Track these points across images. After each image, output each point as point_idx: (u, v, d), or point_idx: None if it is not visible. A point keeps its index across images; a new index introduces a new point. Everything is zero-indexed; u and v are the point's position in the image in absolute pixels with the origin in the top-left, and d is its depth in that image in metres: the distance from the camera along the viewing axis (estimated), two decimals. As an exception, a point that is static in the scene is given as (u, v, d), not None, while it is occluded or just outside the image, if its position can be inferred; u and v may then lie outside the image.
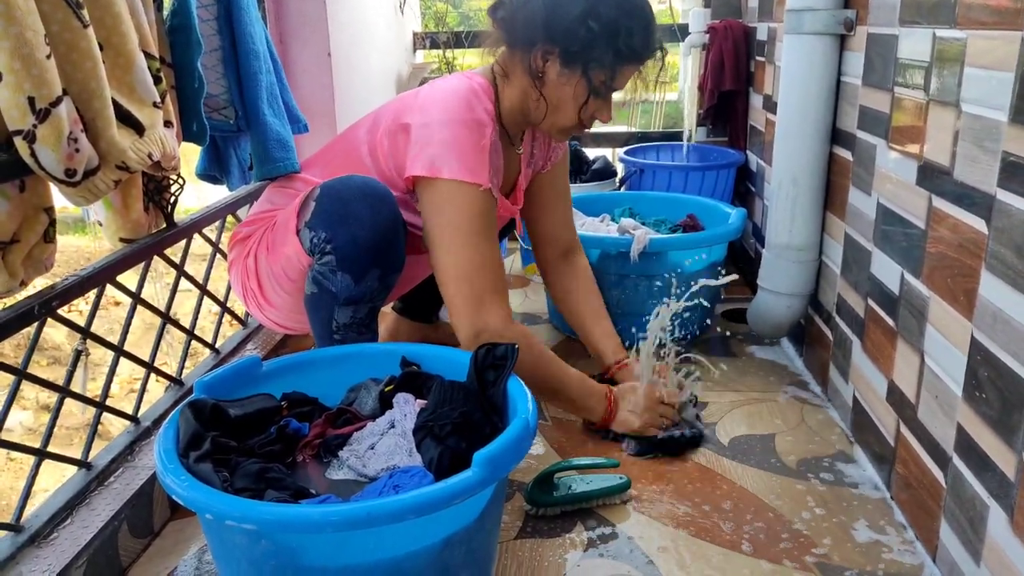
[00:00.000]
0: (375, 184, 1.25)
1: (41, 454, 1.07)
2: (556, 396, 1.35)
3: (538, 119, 1.35)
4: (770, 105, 2.05)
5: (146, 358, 1.32)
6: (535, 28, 1.26)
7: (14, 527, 1.02)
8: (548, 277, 1.66)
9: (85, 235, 6.01)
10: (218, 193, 1.63)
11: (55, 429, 1.10)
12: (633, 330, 1.53)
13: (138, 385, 1.38)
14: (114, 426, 3.06)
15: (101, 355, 4.15)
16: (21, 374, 1.03)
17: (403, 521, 0.80)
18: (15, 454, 3.61)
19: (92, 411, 1.21)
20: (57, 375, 1.38)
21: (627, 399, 1.39)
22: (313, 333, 1.32)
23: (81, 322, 1.15)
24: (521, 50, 1.30)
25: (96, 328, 1.19)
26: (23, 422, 4.01)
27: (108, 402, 1.22)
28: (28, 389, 0.91)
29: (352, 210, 1.20)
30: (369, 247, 1.21)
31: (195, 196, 1.97)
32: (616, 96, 1.35)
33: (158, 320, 1.38)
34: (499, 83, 1.36)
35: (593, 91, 1.28)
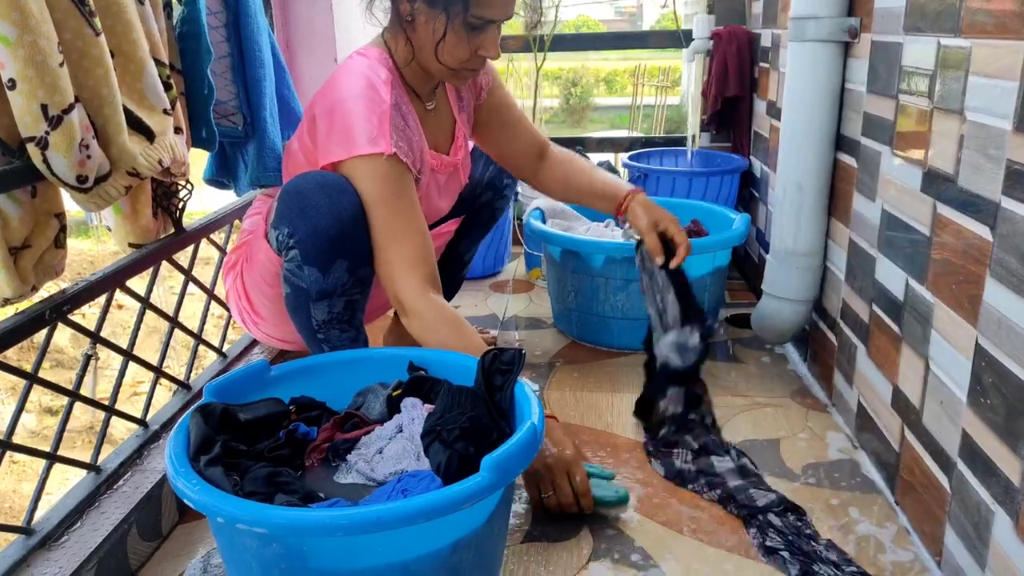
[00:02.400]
0: (332, 175, 1.25)
1: (51, 457, 1.07)
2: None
3: (426, 66, 1.33)
4: (774, 111, 2.05)
5: (150, 361, 1.33)
6: None
7: (25, 530, 1.03)
8: (535, 182, 1.65)
9: (88, 238, 6.02)
10: (220, 198, 1.64)
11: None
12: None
13: (141, 388, 1.39)
14: (118, 430, 3.07)
15: (106, 358, 4.16)
16: (32, 378, 1.04)
17: (412, 525, 0.81)
18: (18, 456, 3.62)
19: (96, 414, 1.22)
20: (60, 378, 1.39)
21: (554, 439, 1.19)
22: (301, 338, 1.33)
23: (87, 326, 1.16)
24: (392, 2, 1.29)
25: (102, 331, 1.19)
26: (26, 424, 4.02)
27: (114, 406, 1.23)
28: (31, 392, 0.93)
29: (310, 201, 1.21)
30: (331, 236, 1.21)
31: (199, 201, 1.98)
32: (617, 101, 1.34)
33: (162, 322, 1.39)
34: (391, 46, 1.35)
35: (465, 26, 1.24)
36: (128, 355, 1.26)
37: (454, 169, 1.51)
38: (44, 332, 1.06)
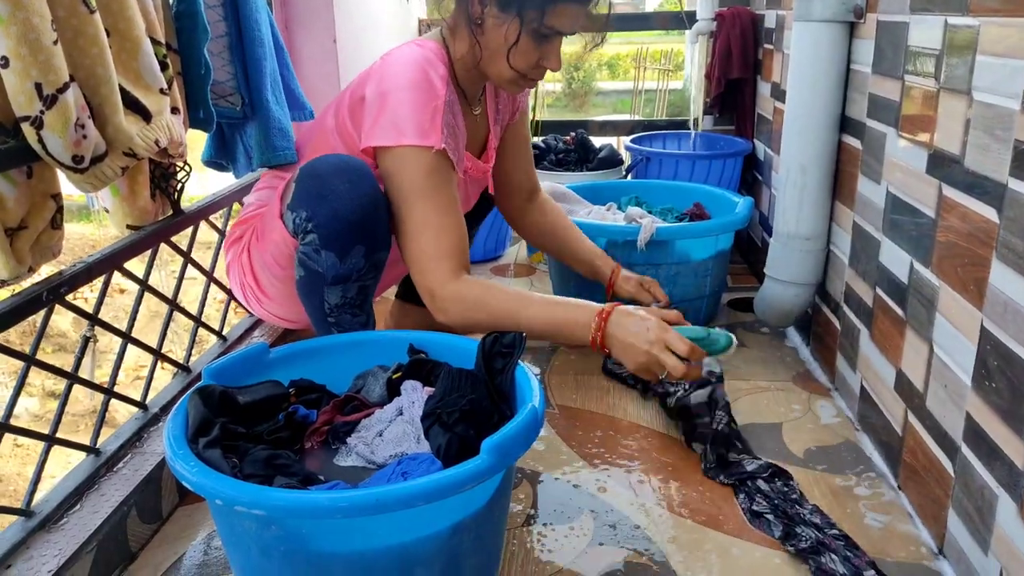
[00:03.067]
0: (352, 160, 1.24)
1: (51, 440, 1.07)
2: (529, 332, 1.17)
3: (486, 70, 1.33)
4: (778, 93, 2.04)
5: (151, 345, 1.32)
6: None
7: (24, 512, 1.03)
8: (520, 223, 1.70)
9: (90, 223, 6.02)
10: (220, 180, 1.63)
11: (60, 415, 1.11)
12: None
13: (142, 372, 1.39)
14: (119, 413, 3.08)
15: (106, 342, 4.16)
16: (30, 360, 1.03)
17: (412, 507, 0.80)
18: (21, 440, 3.63)
19: (97, 397, 1.21)
20: (63, 362, 1.39)
21: (628, 319, 1.16)
22: (310, 320, 1.32)
23: (87, 309, 1.16)
24: (460, 2, 1.29)
25: (101, 315, 1.19)
26: (29, 409, 4.04)
27: (113, 389, 1.23)
28: (34, 376, 0.92)
29: (330, 186, 1.19)
30: (351, 221, 1.20)
31: (199, 184, 1.97)
32: (619, 85, 1.33)
33: (162, 307, 1.39)
34: (449, 43, 1.35)
35: (534, 34, 1.25)
36: (128, 338, 1.25)
37: (484, 175, 1.52)
38: (42, 314, 1.06)
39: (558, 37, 1.28)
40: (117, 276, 1.22)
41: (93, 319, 1.16)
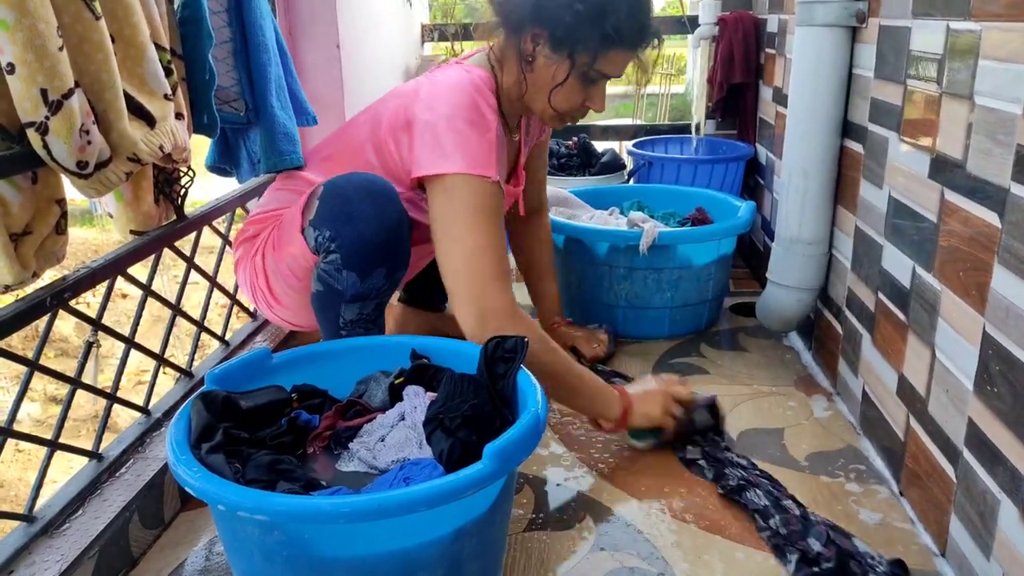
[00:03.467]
0: (379, 181, 1.24)
1: (53, 445, 1.07)
2: (571, 394, 1.26)
3: (531, 104, 1.35)
4: (780, 98, 2.04)
5: (153, 350, 1.33)
6: (525, 11, 1.26)
7: (27, 517, 1.03)
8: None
9: (93, 227, 6.03)
10: (223, 185, 1.63)
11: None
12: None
13: (145, 377, 1.39)
14: (121, 417, 3.08)
15: (107, 347, 4.17)
16: (33, 366, 1.03)
17: (414, 513, 0.81)
18: (23, 445, 3.63)
19: (98, 402, 1.22)
20: (65, 367, 1.38)
21: (638, 390, 1.32)
22: (321, 331, 1.33)
23: (89, 314, 1.16)
24: (514, 34, 1.30)
25: (104, 320, 1.19)
26: (31, 414, 4.04)
27: (116, 394, 1.23)
28: (36, 381, 0.92)
29: (357, 208, 1.20)
30: (375, 245, 1.20)
31: (201, 189, 1.97)
32: (621, 89, 1.35)
33: (165, 312, 1.39)
34: (497, 72, 1.36)
35: (582, 77, 1.28)
36: (130, 343, 1.26)
37: (516, 200, 1.54)
38: (45, 319, 1.06)
39: (605, 80, 1.31)
40: (119, 280, 1.22)
41: (97, 324, 1.16)
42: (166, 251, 1.35)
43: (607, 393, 1.28)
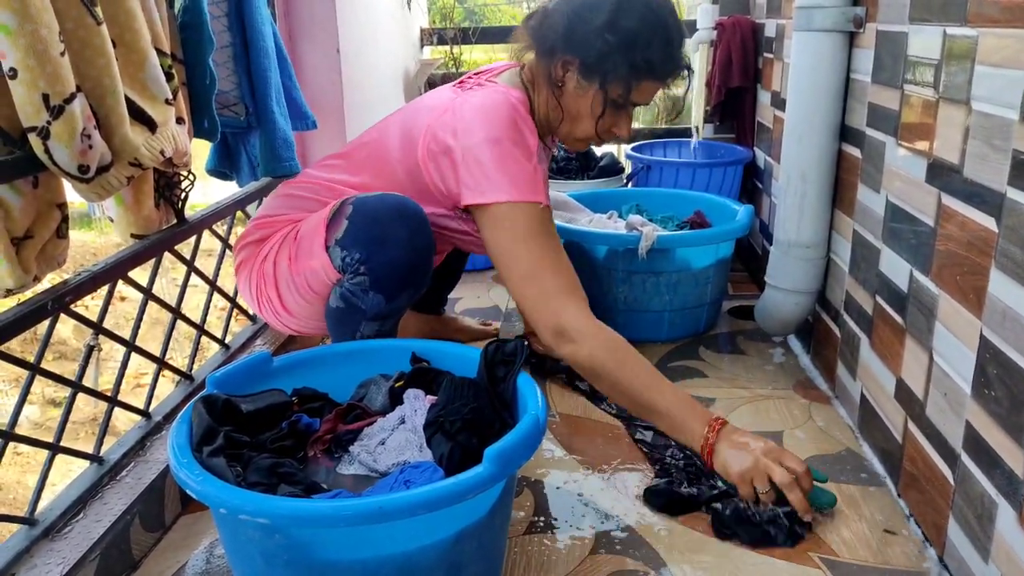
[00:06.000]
0: (412, 205, 1.25)
1: (54, 448, 1.07)
2: (648, 409, 1.17)
3: (556, 127, 1.37)
4: (778, 102, 2.05)
5: (154, 353, 1.33)
6: (557, 38, 1.27)
7: (28, 521, 1.03)
8: None
9: (91, 230, 6.03)
10: (223, 189, 1.63)
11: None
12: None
13: (144, 380, 1.40)
14: (120, 420, 3.08)
15: (107, 350, 4.16)
16: (35, 369, 1.04)
17: (415, 516, 0.81)
18: (22, 448, 3.63)
19: (99, 405, 1.22)
20: (64, 370, 1.39)
21: (737, 435, 1.14)
22: (334, 341, 1.32)
23: (88, 317, 1.16)
24: (545, 59, 1.30)
25: (103, 323, 1.19)
26: (30, 417, 4.03)
27: (116, 397, 1.23)
28: (35, 384, 0.92)
29: (389, 232, 1.20)
30: (405, 269, 1.22)
31: (201, 193, 1.97)
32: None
33: (163, 315, 1.39)
34: (531, 93, 1.36)
35: (610, 104, 1.29)
36: (131, 346, 1.26)
37: None
38: (46, 323, 1.06)
39: (633, 107, 1.33)
40: (119, 283, 1.23)
41: (97, 328, 1.17)
42: (166, 254, 1.36)
43: (688, 415, 1.16)
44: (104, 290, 1.21)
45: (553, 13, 1.28)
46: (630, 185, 2.55)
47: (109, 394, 1.21)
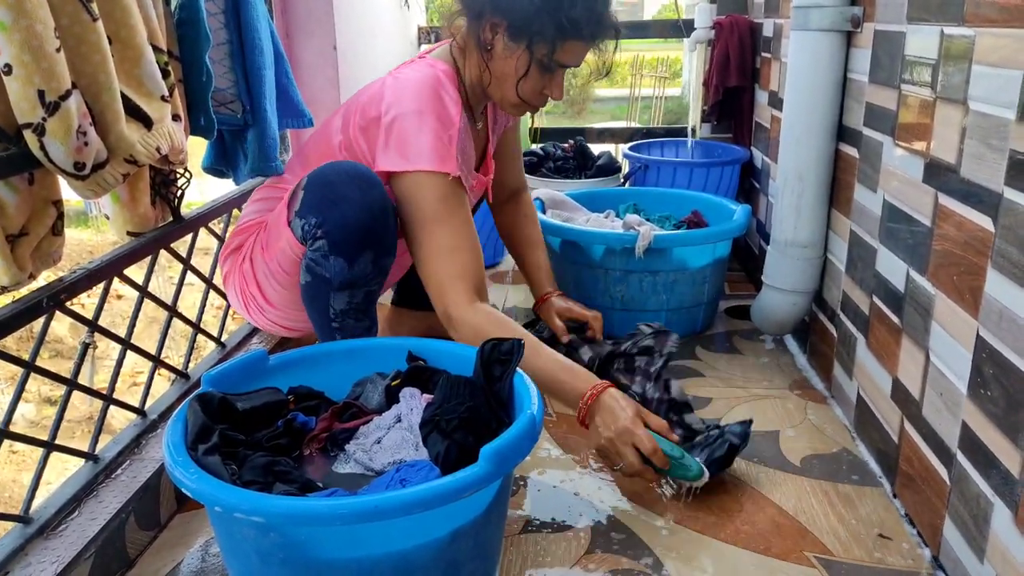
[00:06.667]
0: (362, 168, 1.26)
1: (49, 446, 1.07)
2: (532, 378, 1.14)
3: (491, 93, 1.38)
4: (776, 102, 2.05)
5: (149, 351, 1.33)
6: (486, 1, 1.29)
7: (23, 519, 1.03)
8: (496, 215, 1.76)
9: (87, 228, 6.02)
10: (219, 187, 1.63)
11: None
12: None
13: (139, 378, 1.39)
14: (116, 419, 3.07)
15: (103, 348, 4.15)
16: (29, 367, 1.03)
17: (411, 514, 0.81)
18: (18, 446, 3.62)
19: (94, 404, 1.21)
20: (59, 368, 1.38)
21: (611, 402, 1.18)
22: (313, 326, 1.33)
23: (86, 316, 1.16)
24: (475, 23, 1.32)
25: (99, 321, 1.19)
26: (25, 415, 4.02)
27: (112, 395, 1.23)
28: (31, 382, 0.92)
29: (340, 192, 1.21)
30: (360, 228, 1.21)
31: (197, 190, 1.97)
32: (617, 92, 1.36)
33: (159, 312, 1.39)
34: (459, 62, 1.38)
35: (539, 65, 1.30)
36: (127, 344, 1.26)
37: (484, 188, 1.56)
38: (41, 321, 1.06)
39: (563, 69, 1.33)
40: (115, 281, 1.22)
41: (93, 325, 1.16)
42: (162, 252, 1.35)
43: (564, 392, 1.22)
44: (100, 288, 1.21)
45: None
46: (627, 184, 2.54)
47: (105, 392, 1.21)
